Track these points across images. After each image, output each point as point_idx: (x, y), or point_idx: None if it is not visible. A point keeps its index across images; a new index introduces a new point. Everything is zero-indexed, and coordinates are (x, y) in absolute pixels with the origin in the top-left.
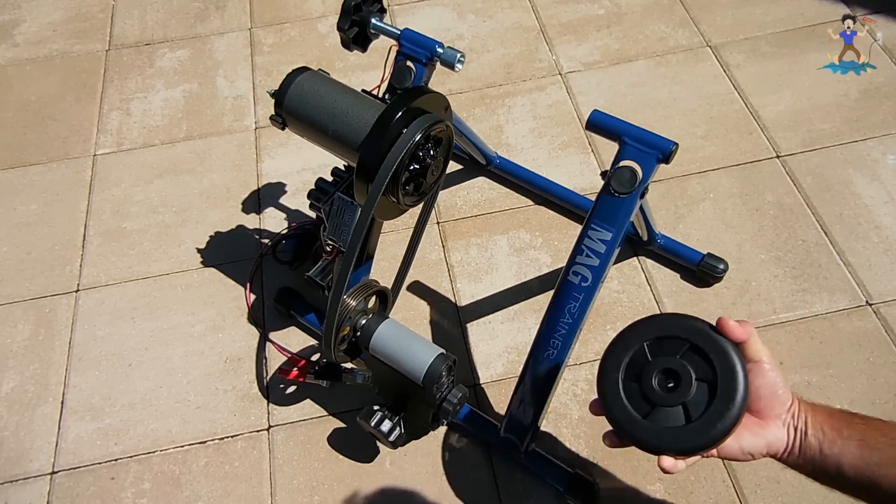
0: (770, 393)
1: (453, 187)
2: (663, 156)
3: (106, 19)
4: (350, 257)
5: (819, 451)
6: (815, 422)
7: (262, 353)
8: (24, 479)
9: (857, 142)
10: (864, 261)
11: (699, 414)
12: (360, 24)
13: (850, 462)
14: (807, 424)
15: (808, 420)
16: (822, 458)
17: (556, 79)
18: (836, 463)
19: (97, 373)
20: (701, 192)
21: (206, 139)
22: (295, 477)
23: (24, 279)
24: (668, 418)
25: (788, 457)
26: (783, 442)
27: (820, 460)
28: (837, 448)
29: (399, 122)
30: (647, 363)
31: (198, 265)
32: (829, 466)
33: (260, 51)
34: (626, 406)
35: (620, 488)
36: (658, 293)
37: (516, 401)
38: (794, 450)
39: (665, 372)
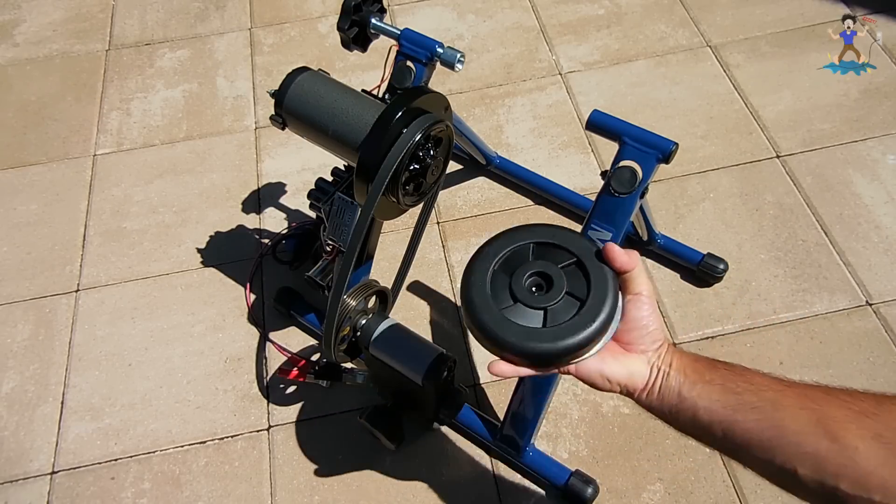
0: (642, 326)
1: (453, 187)
2: (663, 156)
3: (106, 19)
4: (350, 257)
5: (678, 393)
6: (679, 365)
7: (262, 353)
8: (24, 479)
9: (857, 142)
10: (864, 261)
11: (557, 323)
12: (360, 24)
13: (706, 406)
14: (670, 366)
15: (673, 362)
16: (679, 401)
17: (556, 79)
18: (692, 406)
19: (97, 373)
20: (701, 192)
21: (206, 139)
22: (295, 477)
23: (24, 279)
24: (524, 317)
25: (647, 396)
26: (644, 377)
27: (677, 403)
28: (696, 391)
29: (399, 122)
30: (526, 262)
31: (198, 265)
32: (685, 410)
33: (260, 51)
34: (487, 292)
35: (620, 488)
36: (658, 293)
37: (516, 401)
38: (653, 388)
39: (540, 275)
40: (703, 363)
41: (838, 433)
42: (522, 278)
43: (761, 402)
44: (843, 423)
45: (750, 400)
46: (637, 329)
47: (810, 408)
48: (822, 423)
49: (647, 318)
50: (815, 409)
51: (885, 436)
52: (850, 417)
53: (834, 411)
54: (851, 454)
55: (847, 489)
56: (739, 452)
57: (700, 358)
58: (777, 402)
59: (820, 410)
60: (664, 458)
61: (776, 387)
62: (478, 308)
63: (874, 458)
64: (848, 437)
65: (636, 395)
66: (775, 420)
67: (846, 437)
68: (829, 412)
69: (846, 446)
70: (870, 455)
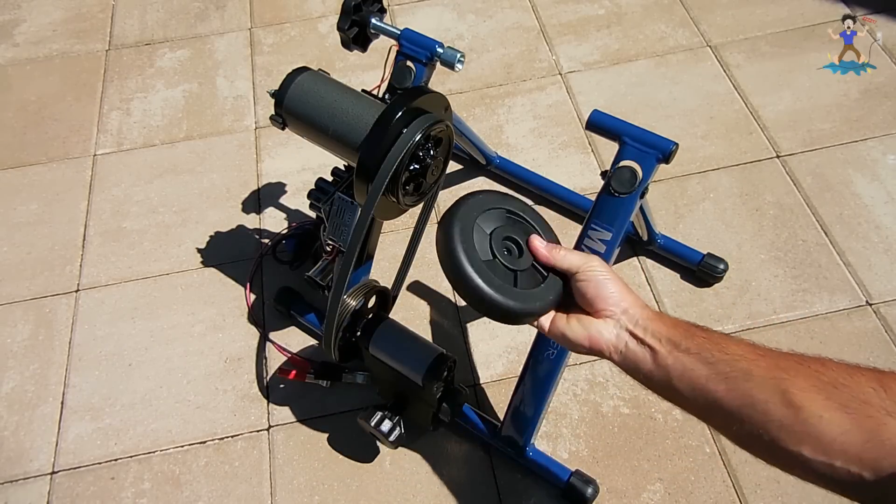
0: (595, 292)
1: (453, 187)
2: (663, 156)
3: (106, 19)
4: (350, 257)
5: (652, 360)
6: (656, 330)
7: (262, 353)
8: (24, 479)
9: (857, 142)
10: (864, 261)
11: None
12: (360, 24)
13: (680, 374)
14: (646, 331)
15: (649, 328)
16: (654, 367)
17: (556, 79)
18: (666, 373)
19: (97, 373)
20: (701, 192)
21: (206, 139)
22: (295, 477)
23: (24, 279)
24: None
25: (621, 359)
26: (608, 341)
27: (652, 369)
28: (671, 359)
29: (399, 122)
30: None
31: (198, 265)
32: (659, 376)
33: (260, 51)
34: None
35: (620, 488)
36: (658, 293)
37: (516, 401)
38: (626, 352)
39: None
40: (681, 330)
41: (804, 402)
42: (500, 238)
43: (734, 372)
44: (811, 392)
45: (723, 370)
46: (595, 293)
47: (780, 377)
48: (789, 392)
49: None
50: (784, 379)
51: (851, 406)
52: (819, 387)
53: (802, 381)
54: (815, 422)
55: (809, 454)
56: (710, 418)
57: (679, 323)
58: (748, 373)
59: (789, 380)
60: (664, 458)
61: (750, 356)
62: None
63: (836, 426)
64: (813, 406)
65: (608, 356)
66: (745, 389)
67: (811, 407)
68: (797, 382)
69: (810, 415)
70: (833, 424)
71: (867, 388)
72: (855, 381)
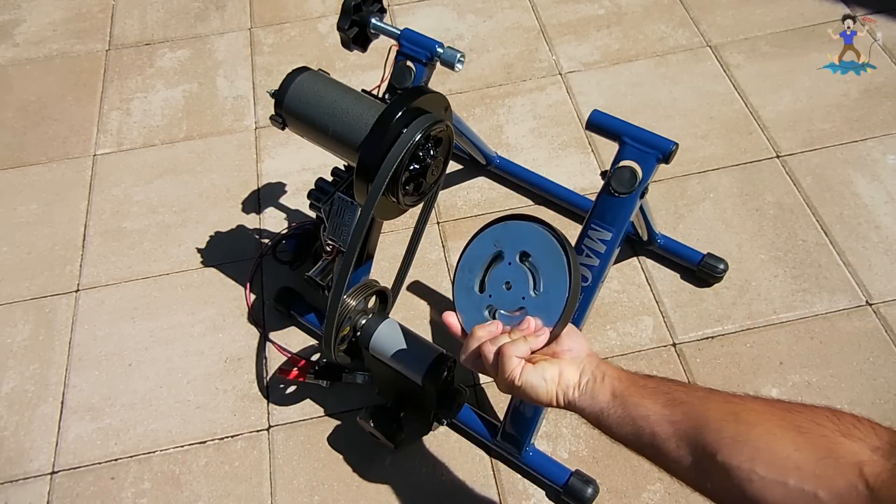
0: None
1: (453, 187)
2: (663, 156)
3: (106, 19)
4: (350, 257)
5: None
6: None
7: (262, 353)
8: (24, 479)
9: (857, 142)
10: (864, 261)
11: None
12: (360, 24)
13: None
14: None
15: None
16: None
17: (556, 79)
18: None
19: (97, 373)
20: (701, 192)
21: (206, 139)
22: (295, 477)
23: (24, 279)
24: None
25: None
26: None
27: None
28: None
29: (399, 122)
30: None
31: (198, 265)
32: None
33: (260, 51)
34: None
35: (620, 488)
36: (658, 293)
37: (516, 400)
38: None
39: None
40: (639, 375)
41: (758, 421)
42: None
43: (689, 398)
44: (764, 414)
45: (679, 397)
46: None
47: (735, 402)
48: (744, 413)
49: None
50: (738, 403)
51: (804, 427)
52: (772, 411)
53: (757, 405)
54: (768, 439)
55: (762, 472)
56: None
57: (637, 373)
58: (704, 398)
59: (743, 404)
60: None
61: (704, 391)
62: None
63: (790, 443)
64: (766, 424)
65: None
66: (701, 411)
67: (765, 425)
68: (752, 406)
69: (764, 432)
70: (786, 441)
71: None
72: (809, 409)
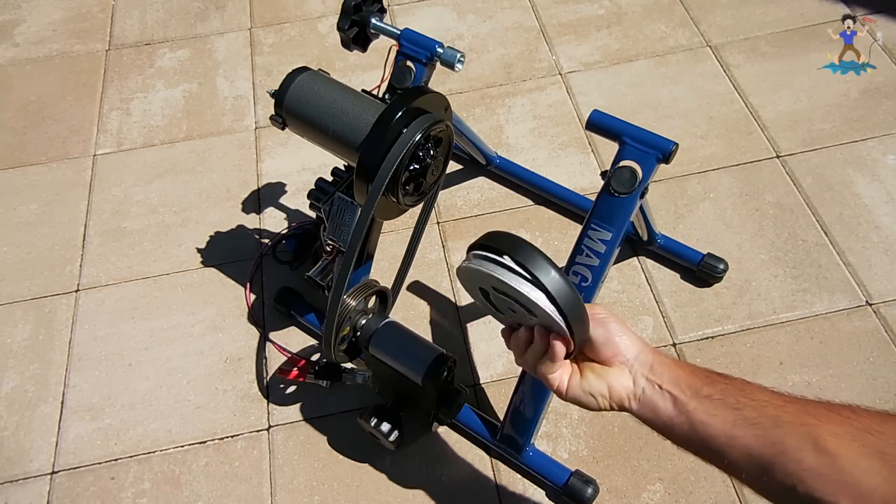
0: (611, 342)
1: (453, 187)
2: (663, 156)
3: (106, 19)
4: (350, 257)
5: (673, 406)
6: (673, 377)
7: (262, 353)
8: (24, 479)
9: (857, 142)
10: (864, 261)
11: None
12: (360, 24)
13: (703, 420)
14: (663, 378)
15: (665, 374)
16: (675, 415)
17: (556, 79)
18: (688, 420)
19: (97, 373)
20: (701, 192)
21: (206, 139)
22: (295, 477)
23: (24, 279)
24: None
25: (639, 408)
26: (627, 388)
27: (672, 416)
28: (693, 405)
29: (399, 122)
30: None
31: (198, 265)
32: (680, 424)
33: (260, 51)
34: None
35: (620, 488)
36: (658, 293)
37: (516, 400)
38: (644, 400)
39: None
40: (701, 376)
41: (839, 450)
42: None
43: (761, 418)
44: (845, 439)
45: (750, 416)
46: (607, 344)
47: (811, 424)
48: (822, 439)
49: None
50: (816, 426)
51: (888, 453)
52: (853, 434)
53: (835, 427)
54: (852, 471)
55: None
56: (736, 468)
57: (698, 370)
58: (777, 419)
59: (821, 427)
60: (664, 458)
61: (777, 402)
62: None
63: (877, 475)
64: (850, 454)
65: (627, 407)
66: (776, 436)
67: (848, 455)
68: (830, 428)
69: (847, 463)
70: (872, 472)
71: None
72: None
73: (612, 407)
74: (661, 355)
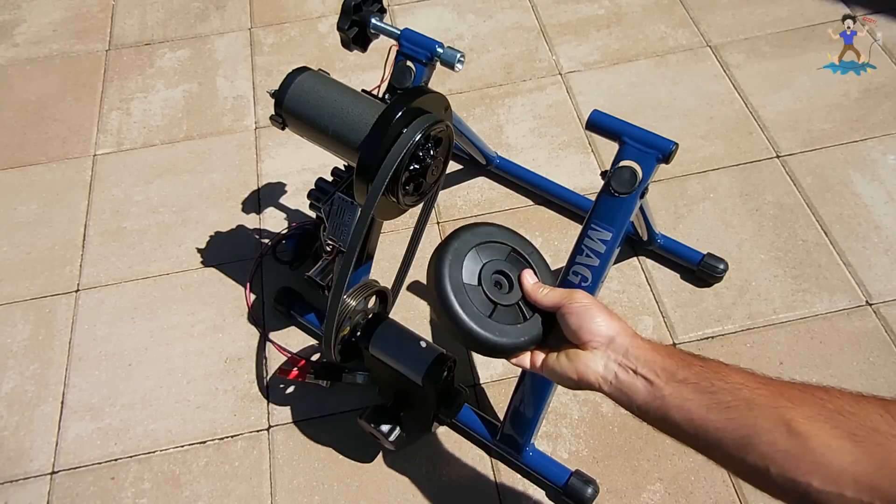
0: (579, 323)
1: (453, 187)
2: (663, 156)
3: (106, 19)
4: (350, 257)
5: (648, 391)
6: (649, 361)
7: (262, 353)
8: (24, 479)
9: (857, 142)
10: (864, 261)
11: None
12: (360, 24)
13: (678, 405)
14: (637, 361)
15: (641, 358)
16: (649, 399)
17: (556, 79)
18: (663, 405)
19: (97, 373)
20: (701, 192)
21: (206, 139)
22: (295, 477)
23: (24, 279)
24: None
25: (613, 391)
26: (595, 373)
27: (647, 401)
28: (668, 390)
29: (399, 122)
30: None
31: (198, 265)
32: (655, 408)
33: (260, 51)
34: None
35: (620, 488)
36: (658, 293)
37: (516, 401)
38: (618, 384)
39: (505, 276)
40: (677, 360)
41: (811, 432)
42: (492, 270)
43: (735, 402)
44: (817, 421)
45: (724, 399)
46: (579, 324)
47: (784, 406)
48: (795, 421)
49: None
50: (789, 408)
51: (859, 434)
52: (825, 416)
53: (808, 409)
54: (824, 452)
55: (819, 486)
56: (711, 450)
57: (675, 353)
58: (751, 401)
59: (794, 409)
60: (664, 458)
61: (751, 384)
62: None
63: (847, 455)
64: (821, 435)
65: (599, 389)
66: (749, 419)
67: (819, 436)
68: (803, 410)
69: (819, 444)
70: (842, 452)
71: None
72: (861, 408)
73: (583, 387)
74: (639, 339)
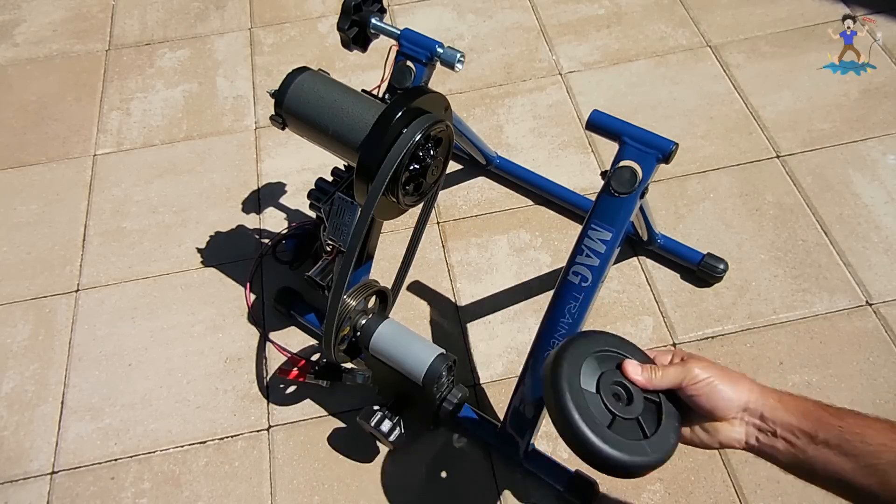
0: (714, 405)
1: (453, 187)
2: (663, 156)
3: (106, 19)
4: (350, 257)
5: (791, 454)
6: (785, 422)
7: (262, 353)
8: (24, 479)
9: (857, 142)
10: (864, 261)
11: (653, 430)
12: (360, 24)
13: (823, 466)
14: (775, 425)
15: (777, 419)
16: (794, 461)
17: (556, 79)
18: (810, 466)
19: (97, 373)
20: (701, 192)
21: (206, 139)
22: (295, 477)
23: (24, 279)
24: (626, 431)
25: (758, 452)
26: (739, 441)
27: (792, 462)
28: (811, 452)
29: (399, 122)
30: (600, 374)
31: (198, 265)
32: (801, 469)
33: (260, 51)
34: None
35: (620, 488)
36: (658, 293)
37: (516, 401)
38: (761, 447)
39: (624, 388)
40: (812, 419)
41: None
42: (609, 391)
43: (882, 465)
44: None
45: (870, 462)
46: (711, 404)
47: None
48: None
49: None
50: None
51: None
52: None
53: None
54: None
55: None
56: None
57: (808, 410)
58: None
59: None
60: None
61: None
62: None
63: None
64: None
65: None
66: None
67: None
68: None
69: None
70: None
71: None
72: None
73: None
74: (769, 396)
